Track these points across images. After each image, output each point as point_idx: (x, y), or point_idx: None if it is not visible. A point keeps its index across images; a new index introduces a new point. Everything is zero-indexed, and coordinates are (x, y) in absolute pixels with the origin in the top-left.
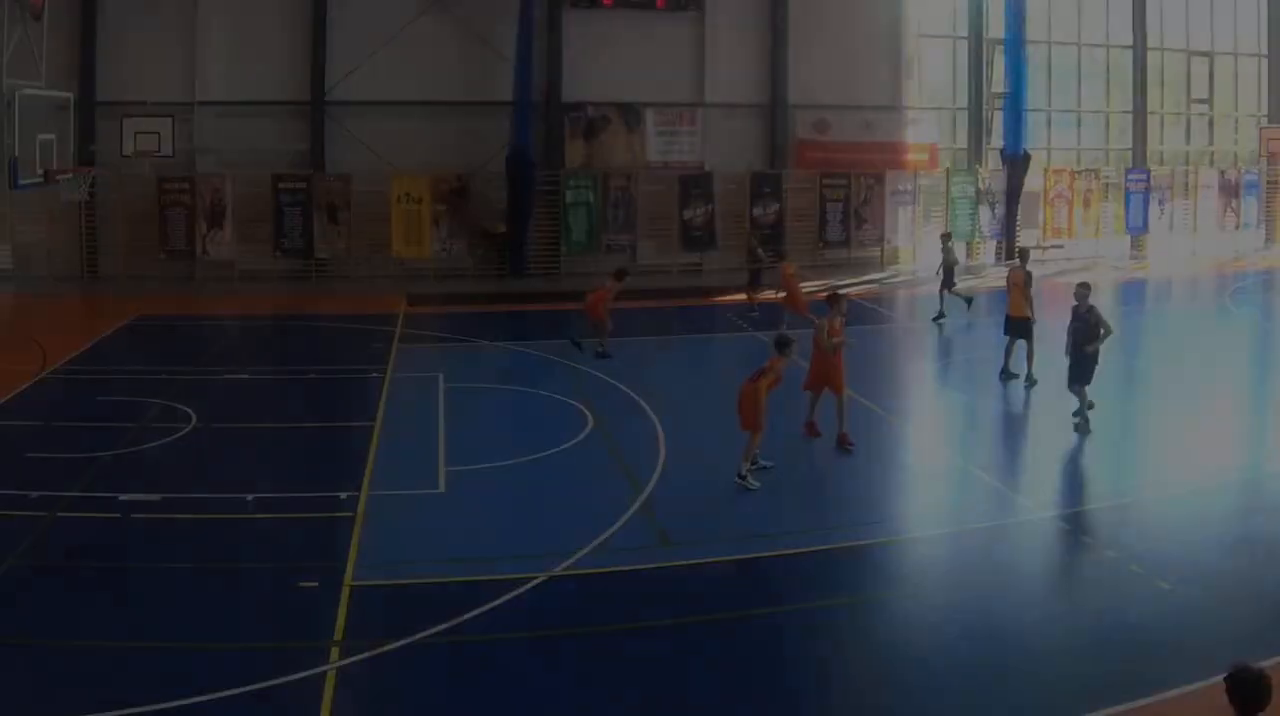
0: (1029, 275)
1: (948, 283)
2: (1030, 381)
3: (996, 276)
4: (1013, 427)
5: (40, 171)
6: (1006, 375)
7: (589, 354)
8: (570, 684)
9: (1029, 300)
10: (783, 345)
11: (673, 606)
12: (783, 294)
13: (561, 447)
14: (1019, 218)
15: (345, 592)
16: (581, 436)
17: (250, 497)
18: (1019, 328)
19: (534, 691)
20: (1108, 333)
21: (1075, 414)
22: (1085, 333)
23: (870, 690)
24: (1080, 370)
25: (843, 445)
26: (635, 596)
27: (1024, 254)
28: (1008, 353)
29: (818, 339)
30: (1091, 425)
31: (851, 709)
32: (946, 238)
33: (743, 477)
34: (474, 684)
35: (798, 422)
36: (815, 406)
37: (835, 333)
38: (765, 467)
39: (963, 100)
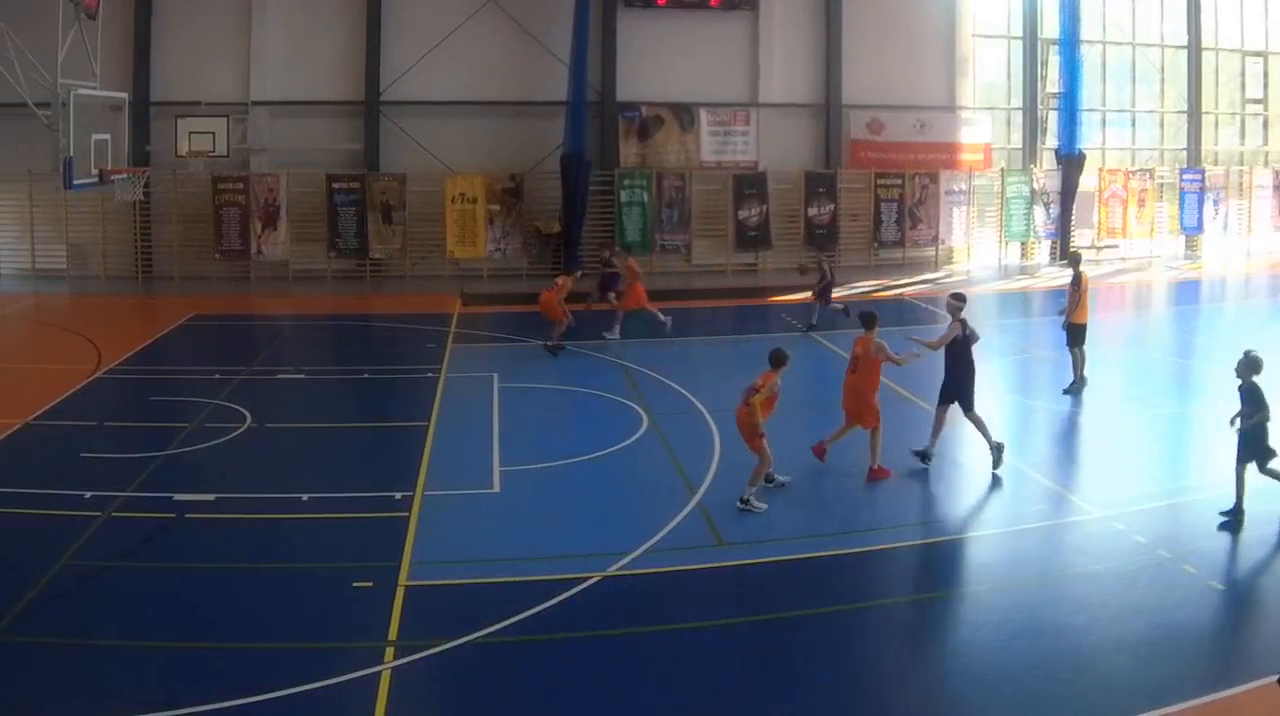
0: (1078, 277)
1: (824, 298)
2: (1078, 386)
3: (1051, 277)
4: (1067, 428)
5: (95, 171)
6: (1078, 383)
7: (557, 353)
8: (624, 684)
9: (1082, 305)
10: (777, 361)
11: (727, 607)
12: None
13: (616, 447)
14: (1073, 218)
15: (400, 593)
16: (636, 436)
17: (305, 497)
18: (1075, 332)
19: (587, 691)
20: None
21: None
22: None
23: (924, 689)
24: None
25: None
26: (689, 597)
27: (1075, 258)
28: (1076, 362)
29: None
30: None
31: (905, 708)
32: (825, 258)
33: (745, 502)
34: (527, 684)
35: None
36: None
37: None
38: (781, 484)
39: (1017, 100)
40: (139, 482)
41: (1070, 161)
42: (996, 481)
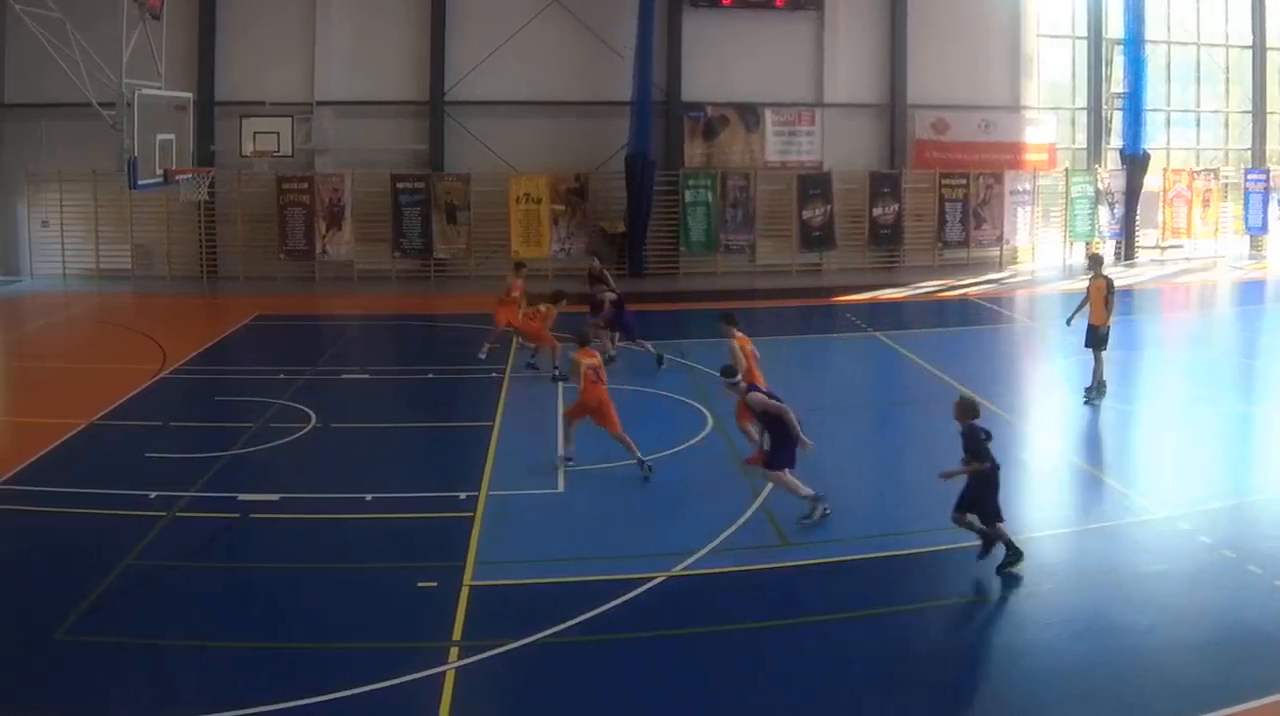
0: (1110, 282)
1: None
2: (1097, 391)
3: (1120, 278)
4: (1130, 428)
5: (159, 171)
6: (1097, 389)
7: (550, 375)
8: (687, 684)
9: (1109, 309)
10: (727, 373)
11: (791, 607)
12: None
13: (680, 447)
14: (1138, 218)
15: (464, 593)
16: (701, 436)
17: (369, 497)
18: (1097, 335)
19: (650, 692)
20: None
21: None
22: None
23: (988, 689)
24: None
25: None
26: (753, 597)
27: (1098, 260)
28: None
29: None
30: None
31: (968, 707)
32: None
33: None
34: (592, 684)
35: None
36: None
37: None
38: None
39: (1082, 100)
40: (203, 482)
41: (1135, 161)
42: (1057, 482)
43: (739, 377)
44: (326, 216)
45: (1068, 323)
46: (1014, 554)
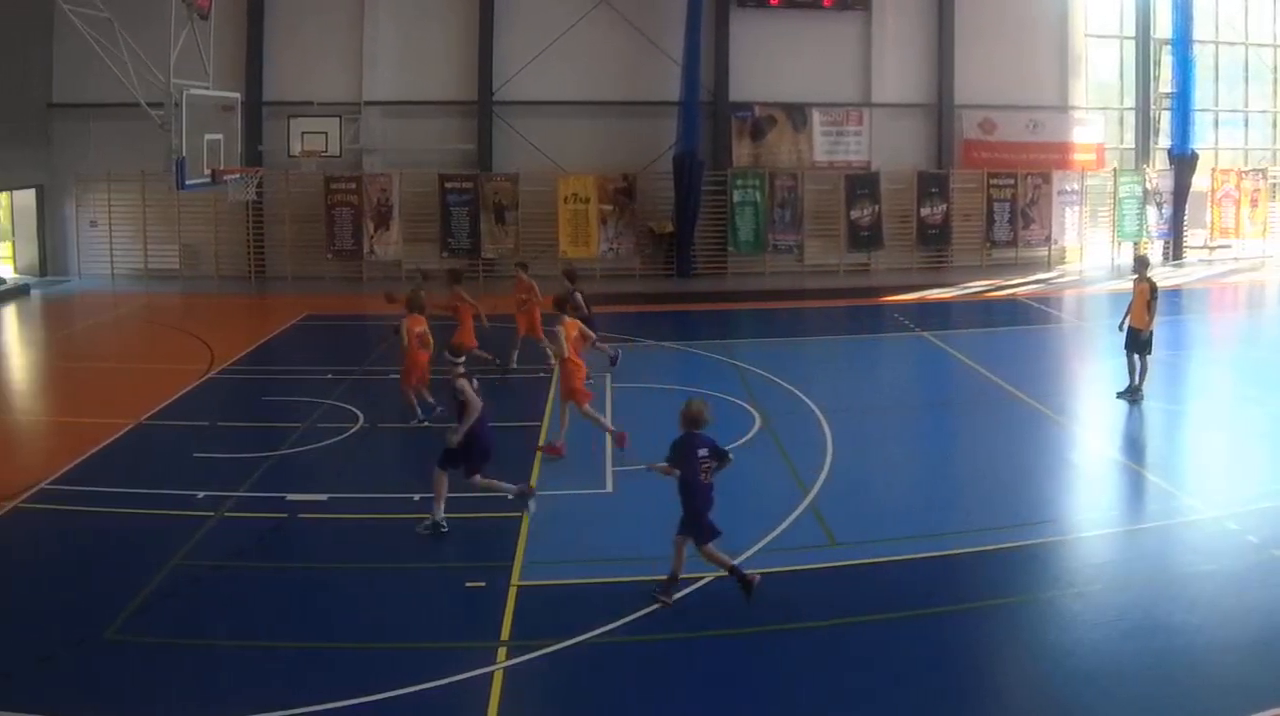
0: (1154, 286)
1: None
2: (1136, 395)
3: (1163, 277)
4: (1177, 428)
5: (207, 171)
6: (1132, 392)
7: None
8: (735, 684)
9: (1152, 313)
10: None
11: (839, 607)
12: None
13: (728, 447)
14: (1186, 218)
15: (512, 593)
16: (749, 436)
17: (417, 498)
18: (1139, 339)
19: (698, 692)
20: None
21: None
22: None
23: (1036, 689)
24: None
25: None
26: (801, 597)
27: (1144, 262)
28: (1130, 368)
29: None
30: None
31: (1017, 709)
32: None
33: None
34: (640, 684)
35: (983, 428)
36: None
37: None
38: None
39: (1130, 100)
40: (251, 482)
41: (1183, 161)
42: (1105, 482)
43: (460, 360)
44: (374, 216)
45: (1120, 328)
46: (741, 581)
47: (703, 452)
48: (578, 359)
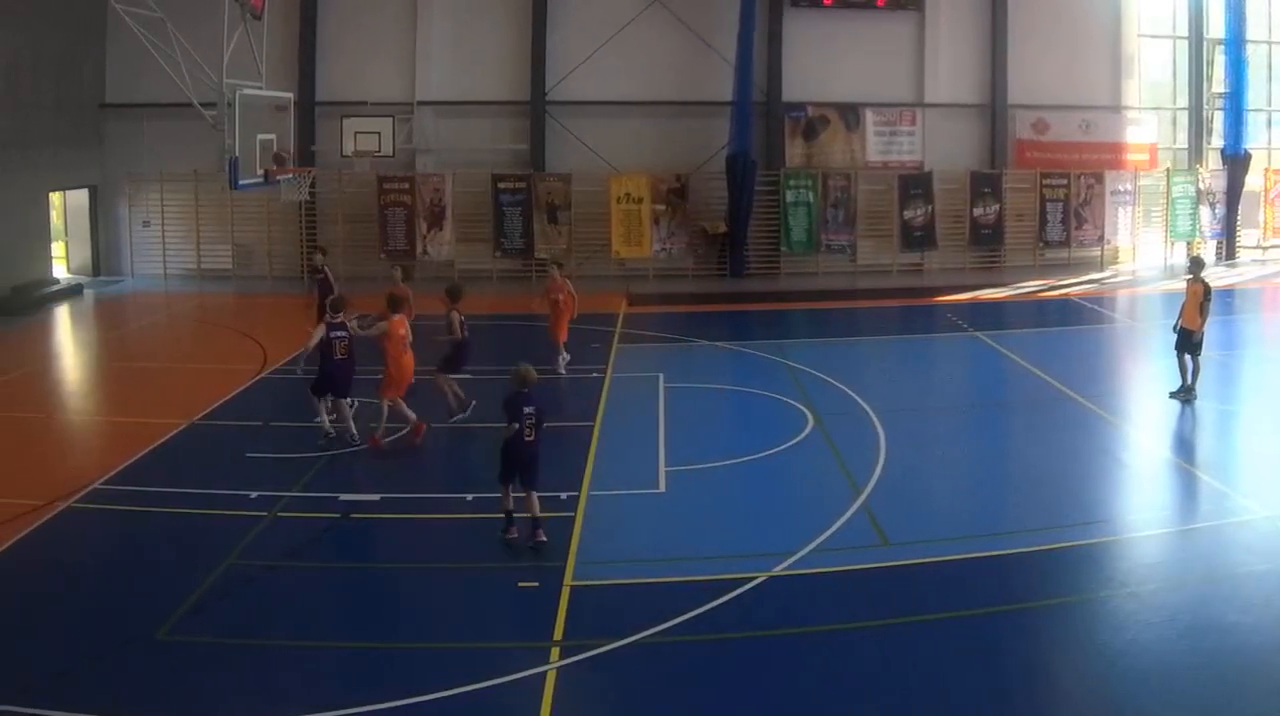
0: (1208, 287)
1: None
2: (1189, 395)
3: (1215, 277)
4: (1230, 428)
5: (260, 171)
6: (1185, 392)
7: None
8: (789, 684)
9: (1204, 315)
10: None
11: (892, 607)
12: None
13: (782, 447)
14: (1239, 217)
15: (565, 593)
16: (801, 436)
17: (470, 497)
18: (1190, 341)
19: (752, 691)
20: None
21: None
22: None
23: (1089, 690)
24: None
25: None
26: (855, 597)
27: (1198, 263)
28: (1182, 369)
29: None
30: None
31: (1071, 709)
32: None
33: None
34: (692, 684)
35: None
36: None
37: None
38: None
39: (1183, 100)
40: (304, 483)
41: (1236, 161)
42: (1158, 481)
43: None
44: (427, 216)
45: (1174, 329)
46: (505, 527)
47: (528, 410)
48: (406, 354)
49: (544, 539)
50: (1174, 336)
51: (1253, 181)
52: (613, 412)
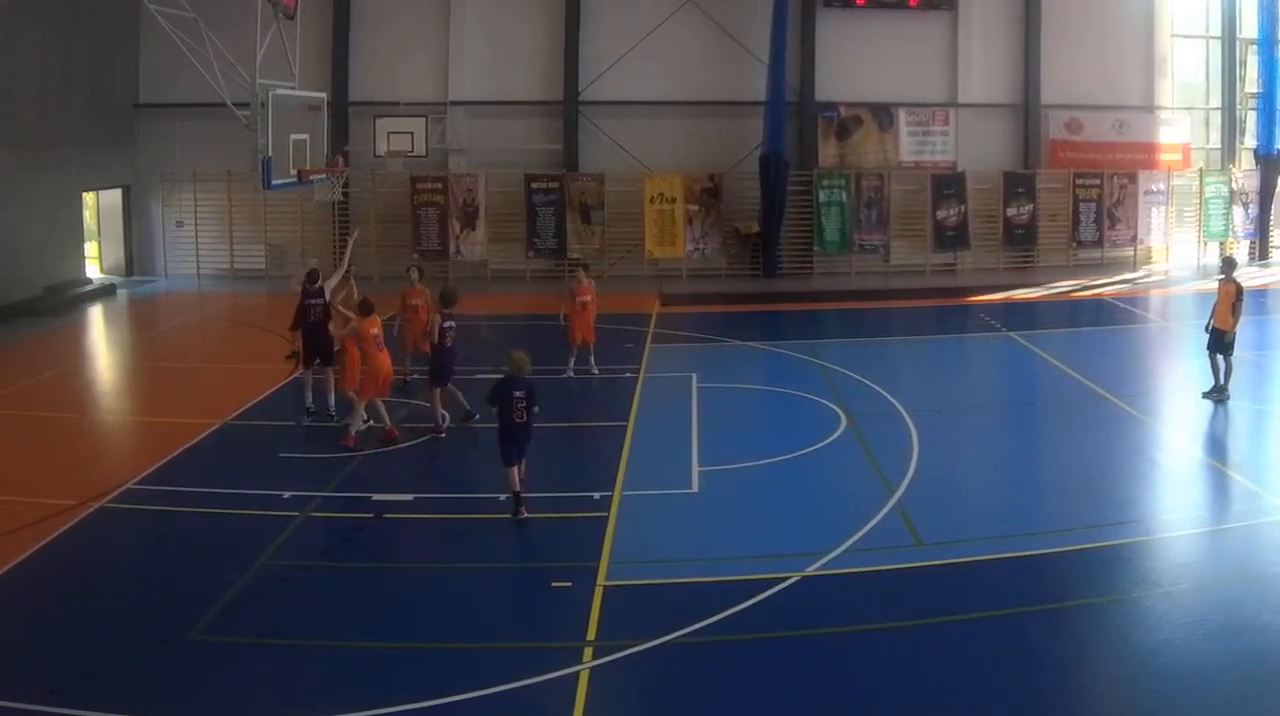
0: (1240, 288)
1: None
2: (1222, 395)
3: (1249, 277)
4: (1263, 429)
5: (293, 171)
6: (1217, 392)
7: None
8: (822, 684)
9: (1236, 315)
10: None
11: (925, 607)
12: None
13: (814, 447)
14: (1272, 217)
15: (598, 593)
16: (834, 436)
17: (503, 497)
18: (1222, 341)
19: (785, 691)
20: None
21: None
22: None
23: (1121, 689)
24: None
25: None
26: (888, 597)
27: (1231, 263)
28: (1214, 369)
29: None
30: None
31: (1103, 709)
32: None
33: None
34: (725, 684)
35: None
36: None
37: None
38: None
39: (1216, 100)
40: (336, 483)
41: (1269, 161)
42: (1191, 481)
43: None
44: (460, 216)
45: (1205, 329)
46: (515, 506)
47: (518, 394)
48: (380, 354)
49: (526, 514)
50: (1206, 336)
51: None
52: (646, 413)
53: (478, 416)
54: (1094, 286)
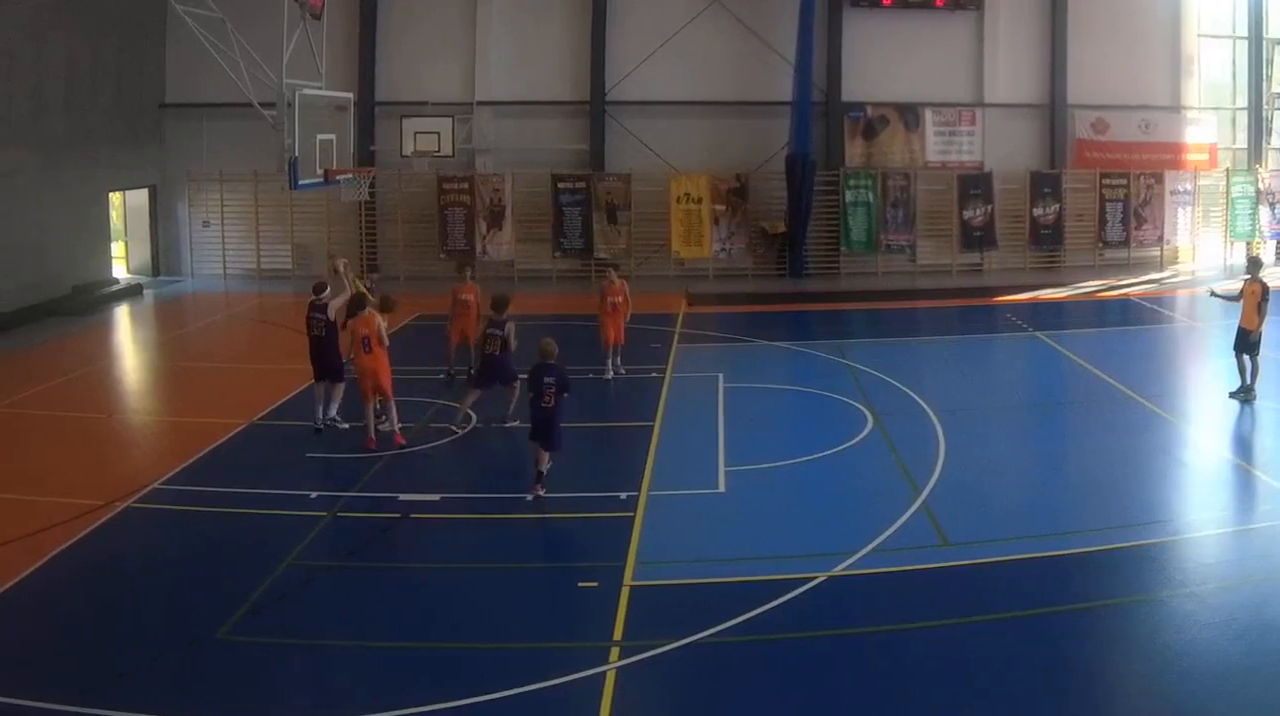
0: (1265, 287)
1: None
2: (1249, 395)
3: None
4: None
5: (320, 171)
6: (1244, 392)
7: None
8: (848, 684)
9: (1262, 314)
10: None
11: (952, 607)
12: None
13: (841, 447)
14: None
15: (625, 593)
16: (861, 436)
17: (530, 497)
18: (1248, 341)
19: (812, 692)
20: None
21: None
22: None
23: (1147, 690)
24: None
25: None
26: (915, 597)
27: (1256, 263)
28: (1241, 369)
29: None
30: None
31: (1129, 709)
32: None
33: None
34: (752, 684)
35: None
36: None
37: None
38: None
39: (1243, 100)
40: (363, 482)
41: None
42: (1218, 481)
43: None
44: (487, 216)
45: (1210, 293)
46: (536, 478)
47: (548, 380)
48: (364, 356)
49: (541, 493)
50: (1229, 330)
51: None
52: (672, 412)
53: (510, 424)
54: (1120, 286)
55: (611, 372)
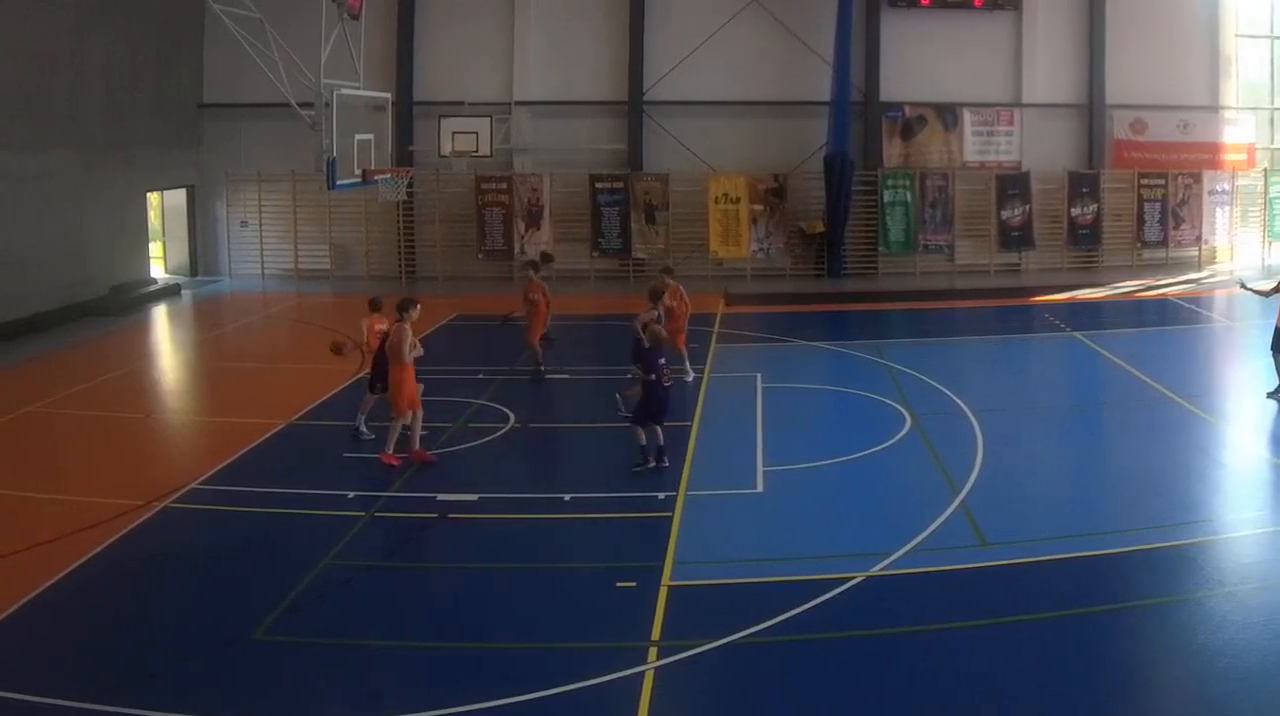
0: None
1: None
2: None
3: None
4: None
5: (358, 171)
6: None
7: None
8: (886, 684)
9: None
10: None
11: (990, 607)
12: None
13: (879, 447)
14: None
15: (663, 593)
16: (899, 436)
17: (567, 498)
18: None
19: (849, 692)
20: None
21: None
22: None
23: (1186, 690)
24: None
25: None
26: (953, 597)
27: None
28: (1278, 368)
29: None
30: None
31: (1168, 709)
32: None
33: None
34: (790, 684)
35: (1134, 427)
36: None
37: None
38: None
39: None
40: (401, 483)
41: None
42: (1256, 481)
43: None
44: (525, 216)
45: (1241, 286)
46: (641, 455)
47: (662, 362)
48: (409, 365)
49: (666, 463)
50: (1267, 331)
51: None
52: (710, 412)
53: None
54: (1158, 286)
55: (690, 374)
